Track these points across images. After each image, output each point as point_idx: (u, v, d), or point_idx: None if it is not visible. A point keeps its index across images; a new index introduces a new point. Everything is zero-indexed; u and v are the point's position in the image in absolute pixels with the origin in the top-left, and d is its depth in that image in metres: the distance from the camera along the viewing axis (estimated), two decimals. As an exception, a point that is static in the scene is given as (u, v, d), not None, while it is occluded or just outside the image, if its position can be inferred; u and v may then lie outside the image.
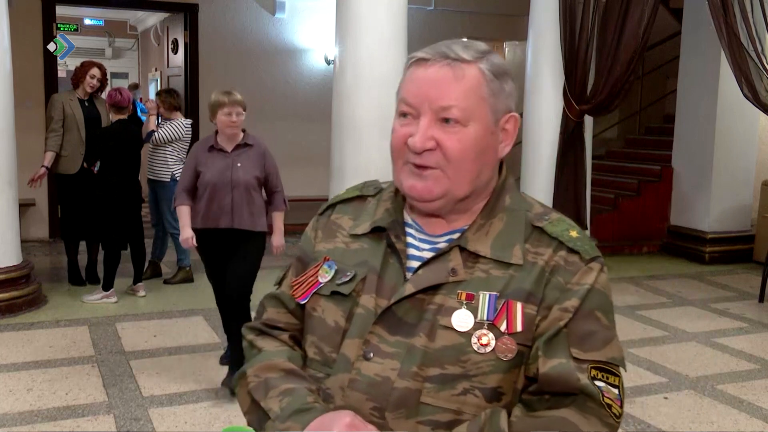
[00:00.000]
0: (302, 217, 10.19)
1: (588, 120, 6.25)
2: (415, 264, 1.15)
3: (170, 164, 5.84)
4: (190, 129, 6.01)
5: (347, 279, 1.17)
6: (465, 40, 1.16)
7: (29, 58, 7.06)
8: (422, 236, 1.18)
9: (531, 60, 6.42)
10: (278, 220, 4.00)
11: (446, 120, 1.10)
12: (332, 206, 1.31)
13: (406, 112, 1.13)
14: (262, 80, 8.32)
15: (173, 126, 5.87)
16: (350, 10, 5.57)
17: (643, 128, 9.43)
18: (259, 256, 3.84)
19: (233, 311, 3.75)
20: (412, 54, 1.16)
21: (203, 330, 4.86)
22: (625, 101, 6.73)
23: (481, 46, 1.15)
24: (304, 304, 1.22)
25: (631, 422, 3.62)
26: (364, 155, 5.58)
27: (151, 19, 11.20)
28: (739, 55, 5.72)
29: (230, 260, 3.78)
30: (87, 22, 13.32)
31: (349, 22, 5.60)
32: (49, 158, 5.53)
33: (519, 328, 1.08)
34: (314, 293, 1.20)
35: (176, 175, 5.82)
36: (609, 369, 1.09)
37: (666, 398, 3.94)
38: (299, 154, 8.41)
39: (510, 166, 1.23)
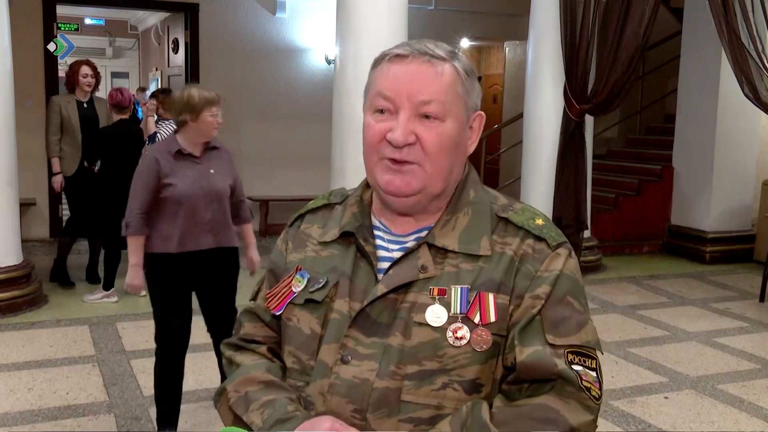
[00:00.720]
0: (303, 217, 10.13)
1: (588, 119, 6.25)
2: (386, 265, 1.16)
3: None
4: None
5: (320, 286, 1.18)
6: (430, 40, 1.17)
7: (30, 58, 7.06)
8: (390, 237, 1.19)
9: (531, 60, 6.42)
10: (249, 232, 3.57)
11: (426, 116, 1.11)
12: (301, 216, 1.32)
13: (383, 108, 1.13)
14: (262, 80, 8.32)
15: (173, 127, 5.88)
16: (351, 9, 5.57)
17: (644, 128, 9.42)
18: (237, 275, 3.45)
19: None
20: (385, 51, 1.16)
21: (203, 330, 4.85)
22: (626, 101, 6.72)
23: (447, 46, 1.17)
24: (280, 315, 1.23)
25: (632, 422, 3.62)
26: (365, 155, 5.58)
27: (151, 18, 11.21)
28: (739, 54, 5.72)
29: (207, 286, 3.32)
30: (87, 21, 13.32)
31: (349, 22, 5.60)
32: (57, 164, 5.68)
33: (492, 319, 1.09)
34: (289, 303, 1.21)
35: None
36: (585, 353, 1.10)
37: (666, 398, 3.94)
38: (299, 154, 8.42)
39: (510, 166, 1.23)
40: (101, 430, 3.38)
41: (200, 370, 4.13)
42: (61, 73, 9.30)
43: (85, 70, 5.71)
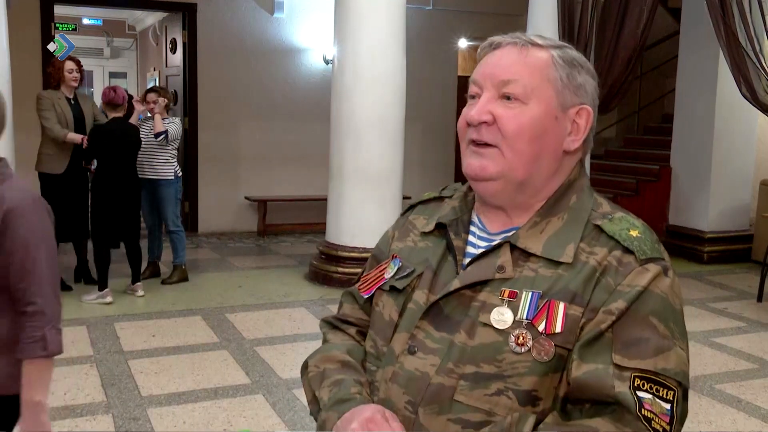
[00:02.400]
0: (301, 217, 10.23)
1: (587, 119, 6.24)
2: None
3: (172, 162, 5.88)
4: None
5: (404, 274, 1.19)
6: (545, 35, 1.16)
7: (28, 58, 7.06)
8: (482, 234, 1.17)
9: (530, 60, 6.42)
10: (34, 375, 1.96)
11: (507, 97, 1.09)
12: (412, 207, 1.32)
13: (473, 94, 1.13)
14: (260, 80, 8.32)
15: (176, 123, 5.95)
16: (349, 9, 5.57)
17: (642, 128, 9.44)
18: None
19: None
20: (488, 38, 1.16)
21: (202, 330, 4.85)
22: (624, 101, 6.73)
23: (560, 41, 1.15)
24: (369, 298, 1.25)
25: (630, 422, 3.62)
26: (364, 154, 5.59)
27: (149, 18, 11.20)
28: (737, 54, 5.73)
29: None
30: (85, 21, 13.29)
31: (347, 22, 5.60)
32: (72, 136, 5.47)
33: (558, 329, 1.03)
34: (378, 288, 1.23)
35: (178, 172, 5.95)
36: (660, 381, 0.99)
37: (665, 398, 3.94)
38: (297, 154, 8.42)
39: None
40: (99, 431, 3.38)
41: (200, 370, 4.13)
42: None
43: (69, 65, 5.60)
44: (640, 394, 0.98)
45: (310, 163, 8.27)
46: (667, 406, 0.99)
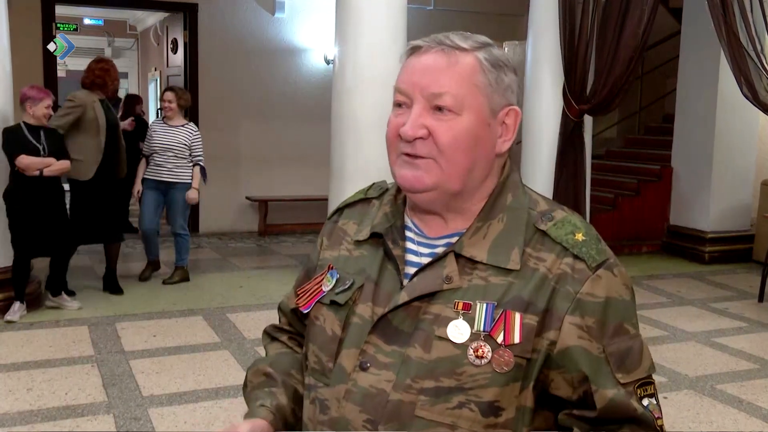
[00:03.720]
0: (302, 217, 10.21)
1: (587, 120, 6.25)
2: (413, 270, 1.11)
3: (189, 166, 5.92)
4: None
5: (345, 287, 1.15)
6: (465, 32, 1.11)
7: (29, 58, 7.06)
8: (421, 239, 1.14)
9: (530, 60, 6.42)
10: None
11: (439, 108, 1.06)
12: (339, 211, 1.29)
13: (400, 102, 1.10)
14: (261, 80, 8.33)
15: (199, 137, 6.03)
16: (350, 9, 5.57)
17: (643, 128, 9.43)
18: None
19: None
20: (409, 43, 1.12)
21: (203, 330, 4.86)
22: (625, 101, 6.72)
23: (481, 38, 1.11)
24: (308, 313, 1.21)
25: (631, 422, 3.62)
26: (364, 155, 5.58)
27: (150, 18, 11.21)
28: (738, 54, 5.73)
29: None
30: (86, 21, 13.31)
31: (348, 22, 5.60)
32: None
33: (516, 340, 1.03)
34: (317, 302, 1.19)
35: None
36: (647, 380, 1.07)
37: (665, 398, 3.94)
38: (299, 154, 8.42)
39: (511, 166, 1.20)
40: (100, 431, 3.38)
41: (200, 370, 4.13)
42: (61, 73, 9.33)
43: (115, 74, 5.43)
44: (645, 402, 1.04)
45: (311, 163, 8.26)
46: (655, 402, 1.07)
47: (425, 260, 1.11)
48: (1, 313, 4.90)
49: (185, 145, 5.83)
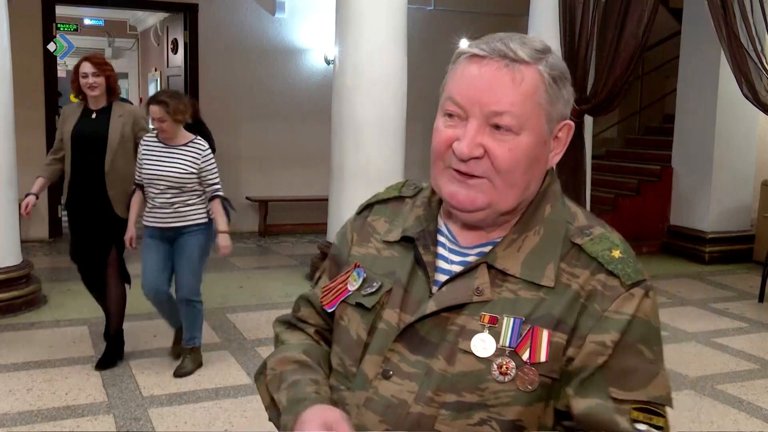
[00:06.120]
0: (302, 217, 10.20)
1: (588, 120, 6.25)
2: (443, 278, 1.07)
3: None
4: None
5: (372, 290, 1.11)
6: (521, 35, 1.05)
7: (29, 58, 7.06)
8: (453, 247, 1.10)
9: (531, 60, 6.42)
10: None
11: (497, 126, 1.00)
12: (370, 206, 1.24)
13: (452, 113, 1.03)
14: (261, 80, 8.33)
15: (212, 160, 4.29)
16: (350, 9, 5.57)
17: (643, 128, 9.43)
18: None
19: None
20: (464, 48, 1.06)
21: (203, 330, 4.85)
22: (625, 101, 6.73)
23: (539, 43, 1.05)
24: (332, 312, 1.18)
25: (631, 422, 3.62)
26: (364, 155, 5.58)
27: (150, 19, 11.21)
28: (738, 54, 5.73)
29: None
30: (87, 22, 13.30)
31: (348, 22, 5.60)
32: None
33: (543, 359, 0.99)
34: (342, 301, 1.16)
35: None
36: (652, 409, 1.00)
37: (666, 398, 3.94)
38: (298, 154, 8.42)
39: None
40: (100, 431, 3.38)
41: (201, 370, 4.13)
42: (61, 74, 9.32)
43: (84, 67, 4.10)
44: (638, 426, 0.98)
45: (311, 164, 8.27)
46: None
47: (455, 267, 1.08)
48: (1, 313, 4.90)
49: (191, 173, 3.96)
